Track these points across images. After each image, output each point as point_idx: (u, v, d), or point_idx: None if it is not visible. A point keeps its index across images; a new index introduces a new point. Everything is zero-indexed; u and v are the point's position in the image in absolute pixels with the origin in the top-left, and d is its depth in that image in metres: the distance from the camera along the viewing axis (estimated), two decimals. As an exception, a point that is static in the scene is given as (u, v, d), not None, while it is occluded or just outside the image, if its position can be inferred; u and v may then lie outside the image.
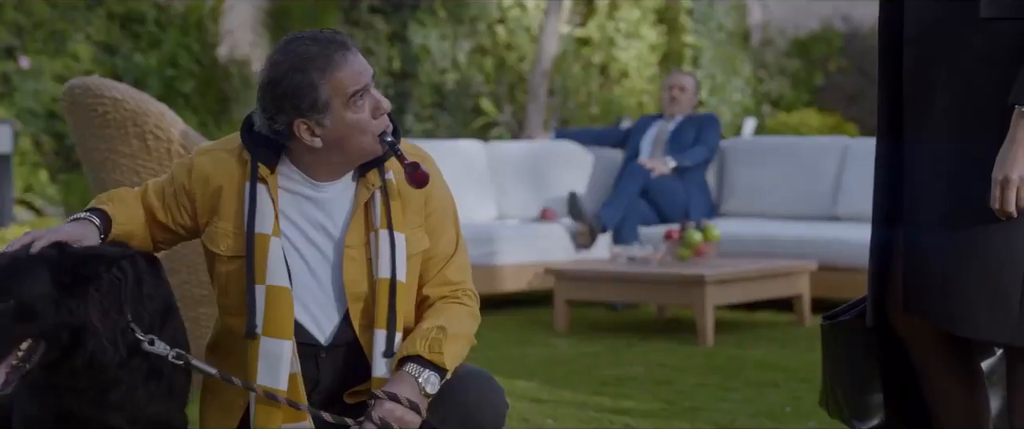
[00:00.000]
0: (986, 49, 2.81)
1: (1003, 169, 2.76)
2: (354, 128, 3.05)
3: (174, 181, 3.20)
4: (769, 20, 22.31)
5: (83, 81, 5.22)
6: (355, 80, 3.05)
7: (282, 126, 3.04)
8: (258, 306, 3.06)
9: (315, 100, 3.01)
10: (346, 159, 3.10)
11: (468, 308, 3.22)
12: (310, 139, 3.04)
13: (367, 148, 3.08)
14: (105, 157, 5.20)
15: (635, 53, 20.30)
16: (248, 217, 3.07)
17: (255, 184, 3.07)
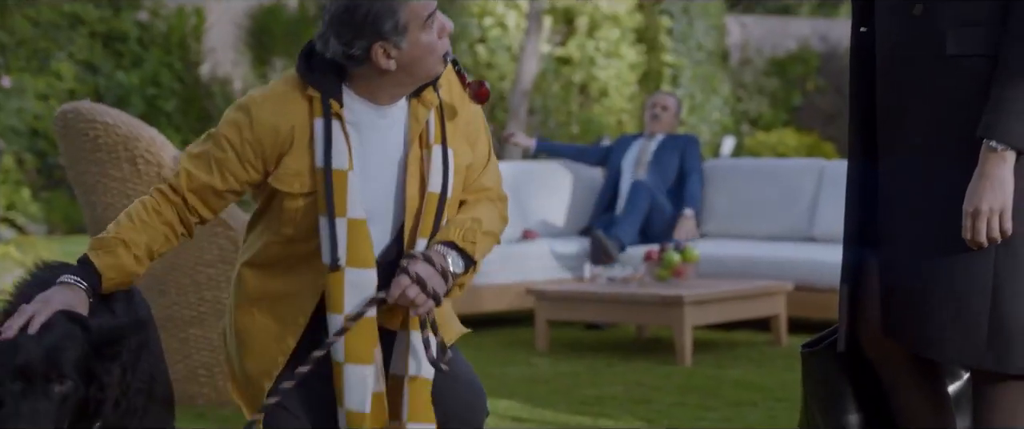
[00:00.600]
0: (953, 85, 2.93)
1: (973, 201, 2.87)
2: (426, 49, 3.13)
3: (228, 144, 3.19)
4: (747, 40, 22.44)
5: (75, 106, 5.32)
6: (428, 3, 3.15)
7: (360, 50, 3.10)
8: (340, 239, 3.14)
9: (396, 23, 3.09)
10: (412, 80, 3.18)
11: (499, 210, 3.35)
12: (386, 62, 3.12)
13: (433, 68, 3.18)
14: (96, 180, 5.30)
15: (615, 72, 20.40)
16: (325, 155, 3.13)
17: (329, 121, 3.15)
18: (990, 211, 2.85)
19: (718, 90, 21.20)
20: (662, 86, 20.66)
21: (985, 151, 2.85)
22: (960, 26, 2.91)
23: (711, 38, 21.17)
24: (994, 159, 2.84)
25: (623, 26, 20.55)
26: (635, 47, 20.69)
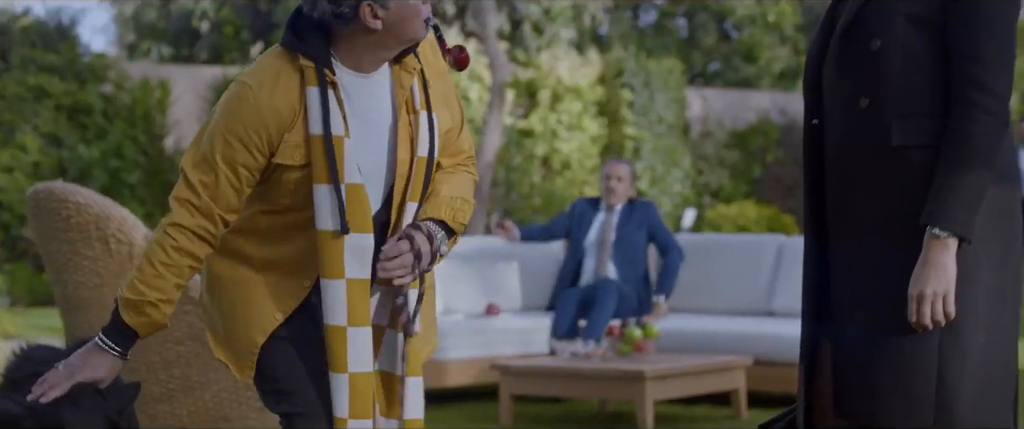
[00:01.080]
0: (898, 174, 3.06)
1: (918, 286, 3.00)
2: (412, 11, 3.17)
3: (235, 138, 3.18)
4: (708, 113, 22.65)
5: (48, 186, 5.39)
6: None
7: (348, 9, 3.13)
8: (338, 202, 3.16)
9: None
10: (396, 43, 3.22)
11: (472, 176, 3.44)
12: (373, 21, 3.14)
13: (416, 32, 3.20)
14: (68, 259, 5.37)
15: (577, 145, 20.54)
16: (324, 124, 3.16)
17: (325, 90, 3.18)
18: (934, 295, 2.98)
19: (679, 162, 21.36)
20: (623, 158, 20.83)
21: (928, 238, 2.98)
22: (904, 118, 3.04)
23: (672, 111, 21.35)
24: (937, 246, 2.97)
25: (585, 99, 20.72)
26: (597, 120, 20.85)
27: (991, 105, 2.96)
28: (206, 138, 3.19)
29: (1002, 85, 2.97)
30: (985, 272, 3.03)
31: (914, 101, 3.03)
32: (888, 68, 3.04)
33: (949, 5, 3.00)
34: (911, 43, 3.03)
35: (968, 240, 2.96)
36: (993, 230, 3.05)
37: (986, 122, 2.95)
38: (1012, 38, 2.99)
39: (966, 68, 2.97)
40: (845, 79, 3.12)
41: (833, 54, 3.14)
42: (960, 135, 2.96)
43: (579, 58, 21.24)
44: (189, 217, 3.19)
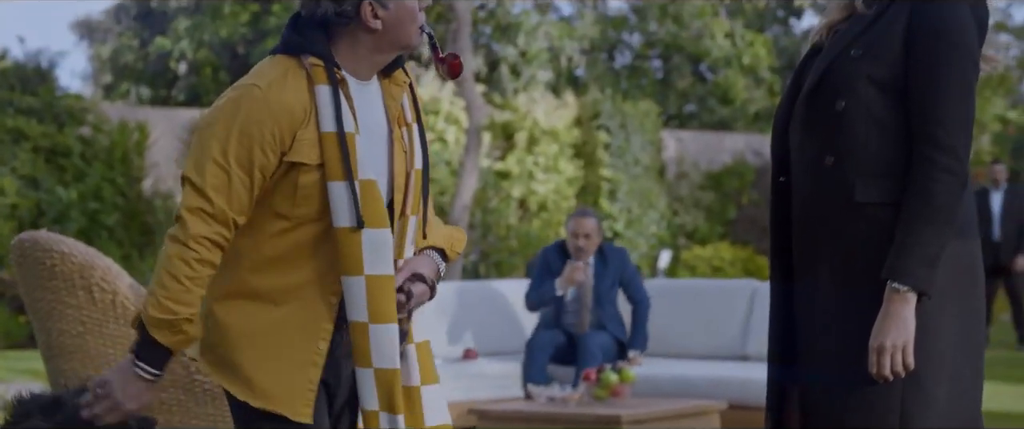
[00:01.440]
0: (861, 229, 3.18)
1: (879, 338, 3.11)
2: (409, 14, 3.23)
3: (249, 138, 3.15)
4: (683, 154, 22.80)
5: (32, 235, 5.47)
6: None
7: (350, 6, 3.19)
8: (352, 200, 3.17)
9: None
10: (392, 47, 3.26)
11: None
12: (373, 21, 3.20)
13: (412, 37, 3.26)
14: (51, 308, 5.45)
15: (553, 186, 20.66)
16: (337, 119, 3.18)
17: (336, 87, 3.21)
18: (894, 347, 3.09)
19: (655, 204, 21.50)
20: (600, 200, 20.97)
21: (889, 292, 3.09)
22: (867, 176, 3.16)
23: (648, 153, 21.50)
24: (897, 299, 3.08)
25: (561, 141, 20.86)
26: (573, 162, 20.98)
27: (951, 165, 3.07)
28: (212, 142, 3.14)
29: (961, 145, 3.09)
30: (947, 325, 3.14)
31: (877, 160, 3.14)
32: (852, 128, 3.16)
33: (911, 68, 3.12)
34: (874, 104, 3.15)
35: (928, 295, 3.07)
36: (954, 284, 3.16)
37: (946, 181, 3.06)
38: (971, 100, 3.11)
39: (927, 129, 3.09)
40: (811, 138, 3.23)
41: (799, 113, 3.26)
42: (921, 193, 3.07)
43: (555, 100, 21.39)
44: (205, 226, 3.12)
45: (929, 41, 3.10)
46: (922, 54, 3.10)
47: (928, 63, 3.10)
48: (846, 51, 3.18)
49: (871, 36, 3.16)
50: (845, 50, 3.18)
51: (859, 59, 3.15)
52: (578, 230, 8.48)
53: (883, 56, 3.14)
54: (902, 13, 3.14)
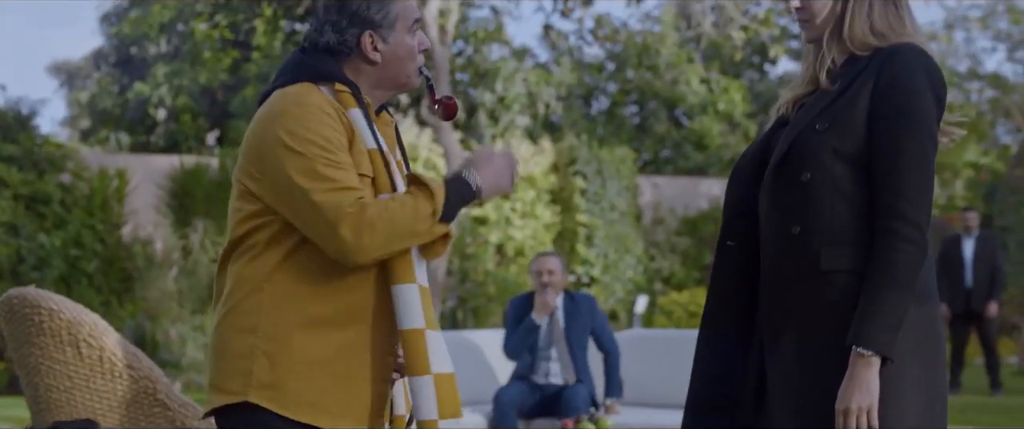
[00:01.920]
0: (826, 296, 3.31)
1: (844, 401, 3.24)
2: (408, 51, 3.37)
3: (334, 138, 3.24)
4: (660, 200, 22.99)
5: (21, 292, 5.58)
6: (415, 10, 3.42)
7: (351, 37, 3.33)
8: None
9: (386, 14, 3.34)
10: (390, 83, 3.40)
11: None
12: (373, 53, 3.34)
13: (409, 75, 3.40)
14: (39, 362, 5.55)
15: (531, 232, 20.81)
16: (375, 137, 3.30)
17: (365, 110, 3.33)
18: (859, 410, 3.21)
19: (631, 249, 21.65)
20: (577, 245, 21.12)
21: (854, 357, 3.22)
22: (831, 245, 3.29)
23: (624, 198, 21.67)
24: (862, 364, 3.21)
25: (538, 187, 21.03)
26: (550, 208, 21.15)
27: (911, 234, 3.21)
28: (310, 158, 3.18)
29: (921, 216, 3.23)
30: (909, 388, 3.27)
31: (840, 230, 3.28)
32: (817, 199, 3.30)
33: (874, 142, 3.26)
34: (838, 176, 3.29)
35: (891, 359, 3.21)
36: (917, 347, 3.29)
37: (907, 250, 3.20)
38: (930, 173, 3.25)
39: (888, 200, 3.23)
40: (778, 207, 3.37)
41: (767, 183, 3.40)
42: (883, 262, 3.21)
43: (532, 147, 21.55)
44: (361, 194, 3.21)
45: (891, 117, 3.24)
46: (884, 129, 3.25)
47: (890, 138, 3.24)
48: (812, 124, 3.32)
49: (835, 110, 3.31)
50: (811, 124, 3.32)
51: (824, 132, 3.30)
52: (541, 267, 8.49)
53: (847, 130, 3.28)
54: (865, 89, 3.29)
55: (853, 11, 3.35)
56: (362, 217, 3.14)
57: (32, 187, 17.15)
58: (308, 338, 3.23)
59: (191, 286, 17.97)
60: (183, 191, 18.50)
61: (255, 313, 3.22)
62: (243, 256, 3.28)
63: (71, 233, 17.23)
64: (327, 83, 3.32)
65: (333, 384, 3.23)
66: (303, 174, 3.17)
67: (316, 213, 3.15)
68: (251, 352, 3.21)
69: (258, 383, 3.21)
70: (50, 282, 16.99)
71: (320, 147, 3.19)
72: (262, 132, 3.25)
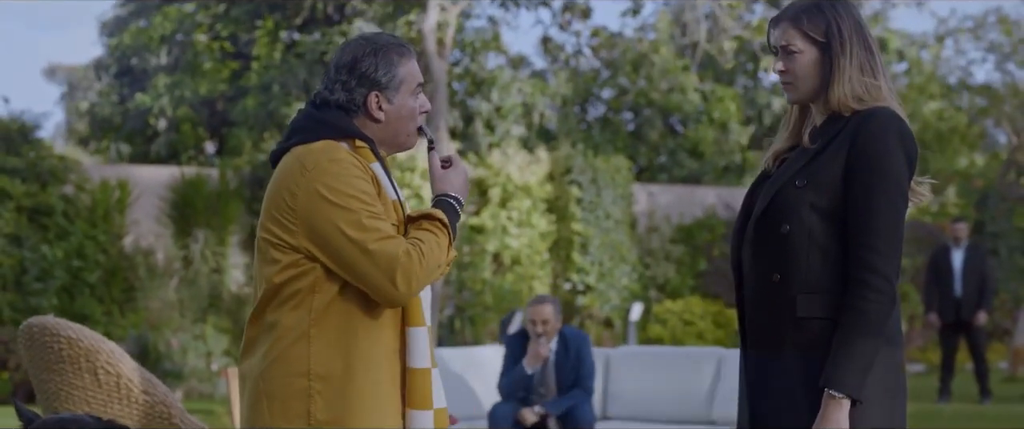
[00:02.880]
0: (803, 340, 3.56)
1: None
2: (410, 111, 3.64)
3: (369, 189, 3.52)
4: (654, 208, 23.19)
5: (41, 321, 5.83)
6: (419, 75, 3.68)
7: (359, 97, 3.60)
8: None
9: (392, 77, 3.61)
10: (391, 142, 3.67)
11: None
12: (377, 112, 3.61)
13: (409, 134, 3.69)
14: (58, 388, 5.80)
15: (527, 241, 21.03)
16: (395, 191, 3.61)
17: (383, 163, 3.62)
18: None
19: (626, 257, 21.86)
20: (572, 254, 21.35)
21: (826, 397, 3.48)
22: (807, 293, 3.55)
23: (619, 207, 21.87)
24: (833, 405, 3.46)
25: (534, 196, 21.22)
26: (546, 216, 21.36)
27: (881, 286, 3.46)
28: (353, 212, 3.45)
29: (891, 268, 3.48)
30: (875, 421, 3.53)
31: (816, 279, 3.54)
32: (795, 250, 3.55)
33: (849, 200, 3.52)
34: (815, 229, 3.54)
35: (860, 401, 3.46)
36: (882, 385, 3.55)
37: (877, 300, 3.46)
38: (900, 229, 3.51)
39: (860, 253, 3.49)
40: (760, 257, 3.63)
41: (750, 234, 3.65)
42: (854, 311, 3.46)
43: (528, 156, 21.77)
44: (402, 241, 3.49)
45: (865, 177, 3.50)
46: (859, 188, 3.50)
47: (864, 196, 3.49)
48: (792, 181, 3.58)
49: (814, 168, 3.57)
50: (791, 180, 3.58)
51: (803, 189, 3.55)
52: (536, 317, 8.54)
53: (824, 187, 3.54)
54: (842, 149, 3.55)
55: (836, 78, 3.60)
56: (411, 265, 3.45)
57: (35, 199, 17.34)
58: (353, 376, 3.51)
59: (192, 296, 18.20)
60: (184, 202, 18.67)
61: (305, 359, 3.50)
62: (285, 305, 3.54)
63: (74, 244, 17.44)
64: (347, 139, 3.59)
65: (375, 415, 3.52)
66: (353, 226, 3.45)
67: (370, 262, 3.44)
68: (307, 394, 3.49)
69: (317, 421, 3.49)
70: (53, 293, 17.22)
71: (361, 201, 3.47)
72: (294, 186, 3.51)
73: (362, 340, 3.54)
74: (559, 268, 21.64)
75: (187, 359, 17.25)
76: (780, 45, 3.69)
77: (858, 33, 3.63)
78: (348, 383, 3.51)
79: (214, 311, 18.52)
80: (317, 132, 3.60)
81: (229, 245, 18.89)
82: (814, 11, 3.66)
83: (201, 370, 17.35)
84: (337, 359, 3.51)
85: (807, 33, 3.64)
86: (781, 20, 3.70)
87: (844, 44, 3.61)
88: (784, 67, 3.67)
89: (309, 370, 3.50)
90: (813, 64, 3.64)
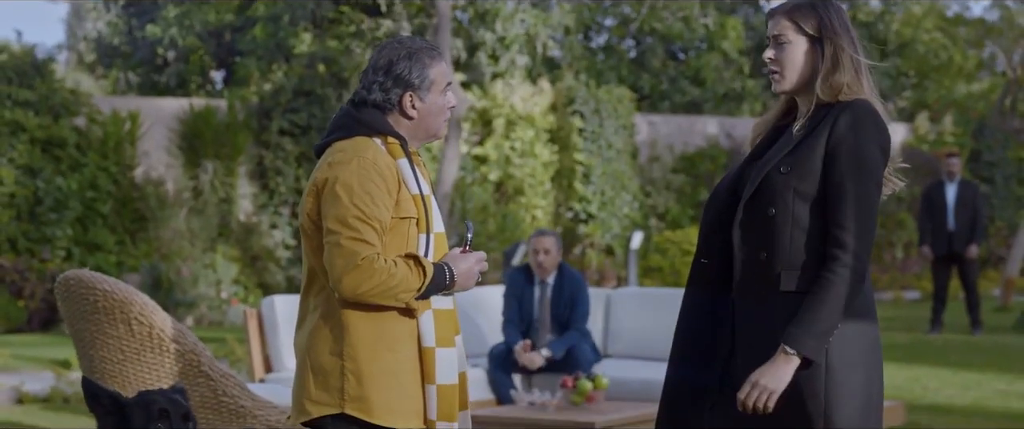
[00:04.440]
0: (785, 311, 3.91)
1: (757, 376, 3.83)
2: (440, 108, 4.05)
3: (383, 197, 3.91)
4: (655, 138, 23.51)
5: (77, 274, 6.20)
6: (448, 74, 4.07)
7: (395, 96, 3.99)
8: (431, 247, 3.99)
9: (424, 78, 4.00)
10: (423, 135, 4.07)
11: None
12: (411, 110, 4.00)
13: (439, 128, 4.09)
14: (94, 337, 6.19)
15: (529, 170, 21.40)
16: (418, 185, 3.98)
17: (411, 160, 4.00)
18: (764, 387, 3.82)
19: (627, 186, 22.23)
20: (574, 183, 21.72)
21: (780, 350, 3.84)
22: (790, 270, 3.90)
23: (621, 137, 22.20)
24: (783, 359, 3.82)
25: (537, 127, 21.57)
26: (548, 146, 21.73)
27: (850, 262, 3.82)
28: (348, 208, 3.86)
29: (862, 248, 3.83)
30: (852, 392, 3.90)
31: (798, 256, 3.90)
32: (780, 230, 3.91)
33: (827, 185, 3.88)
34: (798, 212, 3.90)
35: (814, 362, 3.82)
36: (860, 358, 3.92)
37: (844, 275, 3.82)
38: (873, 213, 3.86)
39: (835, 233, 3.85)
40: (749, 236, 3.98)
41: (740, 216, 4.01)
42: (824, 282, 3.83)
43: (531, 87, 22.07)
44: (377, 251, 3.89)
45: (842, 165, 3.85)
46: (836, 175, 3.86)
47: (840, 182, 3.85)
48: (777, 168, 3.93)
49: (797, 156, 3.92)
50: (776, 167, 3.93)
51: (787, 175, 3.91)
52: (538, 246, 9.12)
53: (806, 174, 3.89)
54: (822, 138, 3.90)
55: (823, 71, 3.95)
56: (366, 271, 3.85)
57: (48, 131, 17.65)
58: (380, 355, 3.96)
59: (202, 225, 18.56)
60: (193, 133, 19.00)
61: (338, 339, 3.96)
62: (324, 289, 4.00)
63: (87, 175, 17.78)
64: (380, 136, 4.00)
65: (400, 392, 3.98)
66: (339, 220, 3.88)
67: (337, 254, 3.87)
68: (341, 371, 3.95)
69: (350, 397, 3.95)
70: (67, 223, 17.60)
71: (361, 201, 3.88)
72: (322, 177, 3.96)
73: (387, 321, 3.97)
74: (561, 197, 22.02)
75: (198, 287, 17.65)
76: (773, 35, 4.02)
77: (846, 32, 3.98)
78: (374, 362, 3.95)
79: (223, 240, 18.90)
80: (353, 129, 4.00)
81: (237, 175, 19.24)
82: (808, 8, 4.00)
83: (211, 298, 17.74)
84: (365, 341, 3.95)
85: (800, 26, 3.98)
86: (776, 12, 4.04)
87: (833, 40, 3.95)
88: (774, 56, 4.01)
89: (342, 350, 3.95)
90: (803, 55, 3.98)
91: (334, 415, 3.98)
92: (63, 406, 10.58)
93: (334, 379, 3.96)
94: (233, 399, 6.17)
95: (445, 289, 4.01)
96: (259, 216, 19.44)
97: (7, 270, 16.83)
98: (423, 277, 3.94)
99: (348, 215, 3.87)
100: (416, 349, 4.02)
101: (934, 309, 15.74)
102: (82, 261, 17.67)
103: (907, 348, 14.20)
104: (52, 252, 17.57)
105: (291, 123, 19.53)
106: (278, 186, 19.52)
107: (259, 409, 6.23)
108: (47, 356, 13.59)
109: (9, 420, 9.86)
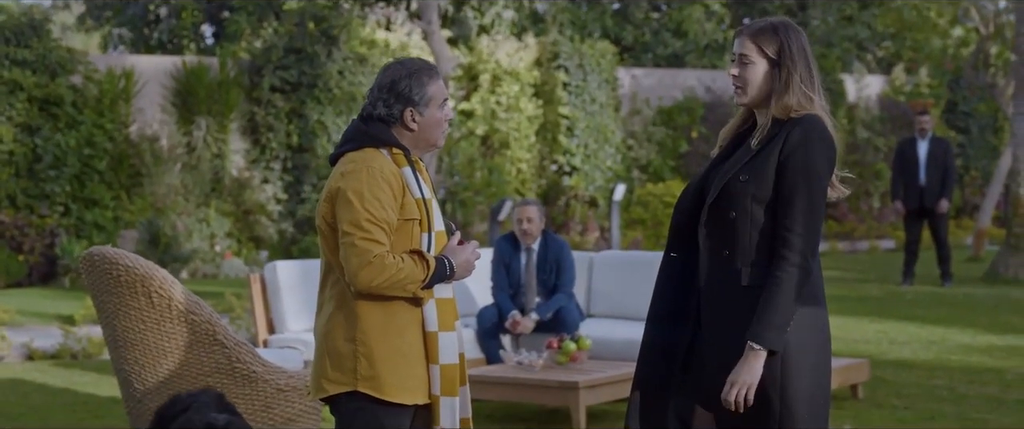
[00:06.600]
0: (746, 303, 4.44)
1: (734, 376, 4.33)
2: (437, 121, 4.55)
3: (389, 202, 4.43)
4: (637, 91, 23.96)
5: (101, 250, 6.70)
6: (445, 91, 4.59)
7: (397, 112, 4.49)
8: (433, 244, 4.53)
9: (423, 95, 4.51)
10: (423, 145, 4.57)
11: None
12: (411, 123, 4.50)
13: (437, 139, 4.57)
14: (117, 308, 6.70)
15: (515, 124, 21.85)
16: (420, 190, 4.50)
17: (414, 168, 4.52)
18: (742, 384, 4.35)
19: (610, 139, 22.69)
20: (559, 136, 22.19)
21: (747, 348, 4.37)
22: (750, 266, 4.43)
23: (604, 91, 22.63)
24: (752, 354, 4.33)
25: (522, 81, 21.98)
26: (533, 101, 22.17)
27: (797, 260, 4.33)
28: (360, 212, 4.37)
29: (808, 247, 4.34)
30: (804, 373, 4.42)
31: (756, 254, 4.42)
32: (740, 231, 4.44)
33: (778, 190, 4.40)
34: (755, 214, 4.42)
35: (776, 352, 4.35)
36: (811, 341, 4.45)
37: (792, 272, 4.34)
38: (818, 216, 4.36)
39: (784, 235, 4.36)
40: (713, 235, 4.50)
41: (705, 218, 4.52)
42: (775, 280, 4.34)
43: (516, 43, 22.48)
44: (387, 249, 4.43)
45: (791, 175, 4.37)
46: (787, 183, 4.37)
47: (789, 189, 4.37)
48: (737, 177, 4.45)
49: (755, 165, 4.44)
50: (736, 175, 4.46)
51: (746, 183, 4.43)
52: (521, 215, 9.62)
53: (762, 182, 4.41)
54: (775, 150, 4.42)
55: (780, 90, 4.47)
56: (378, 267, 4.40)
57: (45, 90, 18.05)
58: (389, 340, 4.50)
59: (195, 180, 19.00)
60: (186, 90, 19.40)
61: (352, 326, 4.51)
62: (339, 281, 4.54)
63: (84, 133, 18.19)
64: (386, 147, 4.54)
65: (408, 371, 4.53)
66: (353, 223, 4.42)
67: (352, 253, 4.41)
68: (354, 354, 4.51)
69: (362, 377, 4.49)
70: (65, 180, 18.04)
71: (371, 206, 4.42)
72: (336, 184, 4.50)
73: (395, 310, 4.52)
74: (545, 151, 22.48)
75: (192, 241, 18.12)
76: (739, 53, 4.53)
77: (802, 56, 4.48)
78: (384, 346, 4.50)
79: (216, 195, 19.35)
80: (362, 141, 4.55)
81: (230, 131, 19.65)
82: (770, 31, 4.50)
83: (205, 251, 18.21)
84: (376, 327, 4.50)
85: (762, 48, 4.49)
86: (743, 33, 4.54)
87: (788, 66, 4.47)
88: (738, 74, 4.52)
89: (355, 336, 4.50)
90: (762, 75, 4.49)
91: (348, 392, 4.51)
92: (72, 362, 11.07)
93: (348, 361, 4.49)
94: (245, 365, 6.70)
95: (446, 279, 4.54)
96: (251, 171, 19.87)
97: (7, 226, 17.29)
98: (427, 270, 4.47)
99: (360, 218, 4.39)
100: (421, 334, 4.54)
101: (906, 262, 16.28)
102: (80, 217, 18.15)
103: (879, 301, 14.73)
104: (50, 208, 18.04)
105: (282, 80, 19.92)
106: (269, 142, 19.94)
107: (268, 374, 6.76)
108: (51, 311, 14.05)
109: (21, 377, 10.33)
